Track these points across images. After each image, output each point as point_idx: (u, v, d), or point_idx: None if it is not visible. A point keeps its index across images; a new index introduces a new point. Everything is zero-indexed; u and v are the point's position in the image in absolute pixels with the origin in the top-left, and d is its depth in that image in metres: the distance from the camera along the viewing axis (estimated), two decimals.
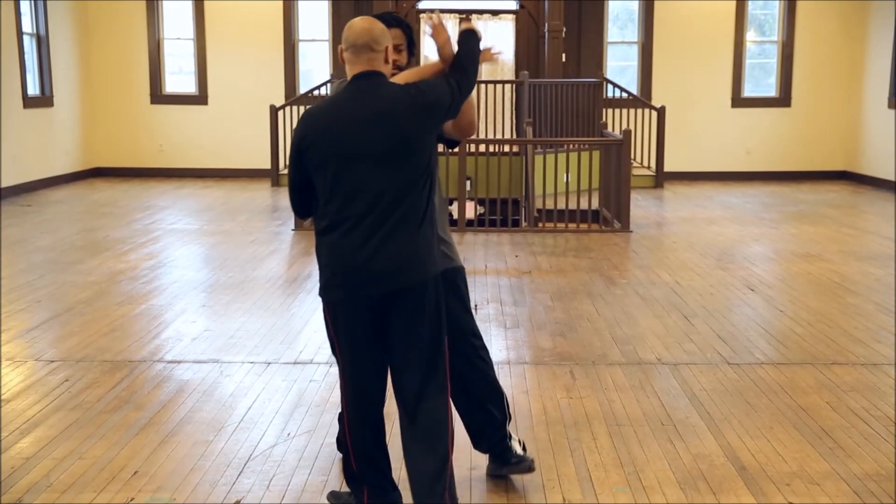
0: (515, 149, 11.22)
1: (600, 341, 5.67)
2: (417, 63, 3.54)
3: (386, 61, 3.15)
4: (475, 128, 3.54)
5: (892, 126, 13.27)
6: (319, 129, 3.08)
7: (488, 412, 3.64)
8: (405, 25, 3.58)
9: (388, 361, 3.18)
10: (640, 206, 11.15)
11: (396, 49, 3.44)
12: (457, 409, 3.59)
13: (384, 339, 3.14)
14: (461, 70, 3.22)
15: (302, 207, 3.22)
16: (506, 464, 3.66)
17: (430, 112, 3.12)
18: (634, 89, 14.38)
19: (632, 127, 12.20)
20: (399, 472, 3.37)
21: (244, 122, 14.58)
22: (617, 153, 9.84)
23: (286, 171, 3.35)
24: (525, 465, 3.64)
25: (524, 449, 3.71)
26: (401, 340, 3.12)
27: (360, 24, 3.14)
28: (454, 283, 3.54)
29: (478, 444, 3.71)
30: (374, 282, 3.04)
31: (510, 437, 3.69)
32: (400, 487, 3.32)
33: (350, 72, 3.14)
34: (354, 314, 3.10)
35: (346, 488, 3.36)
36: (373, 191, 3.02)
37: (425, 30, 3.53)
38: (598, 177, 10.66)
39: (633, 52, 14.81)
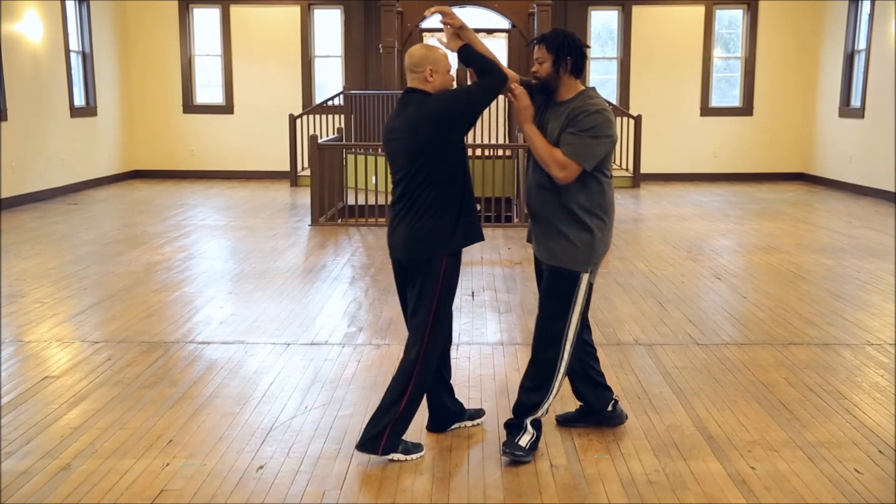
0: (508, 153, 11.21)
1: None
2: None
3: (426, 80, 3.47)
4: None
5: (842, 133, 13.26)
6: (384, 130, 3.65)
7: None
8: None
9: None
10: (619, 203, 11.14)
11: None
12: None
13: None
14: (477, 82, 3.49)
15: None
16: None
17: (434, 120, 3.41)
18: (614, 100, 14.37)
19: None
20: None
21: (266, 130, 14.57)
22: None
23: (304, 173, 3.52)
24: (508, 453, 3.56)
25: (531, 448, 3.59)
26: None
27: (411, 50, 3.53)
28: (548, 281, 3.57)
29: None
30: (392, 249, 3.61)
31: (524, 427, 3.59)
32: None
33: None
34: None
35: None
36: (399, 183, 3.53)
37: (439, 20, 3.57)
38: None
39: (613, 67, 14.78)
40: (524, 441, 3.56)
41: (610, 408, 3.88)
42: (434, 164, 3.44)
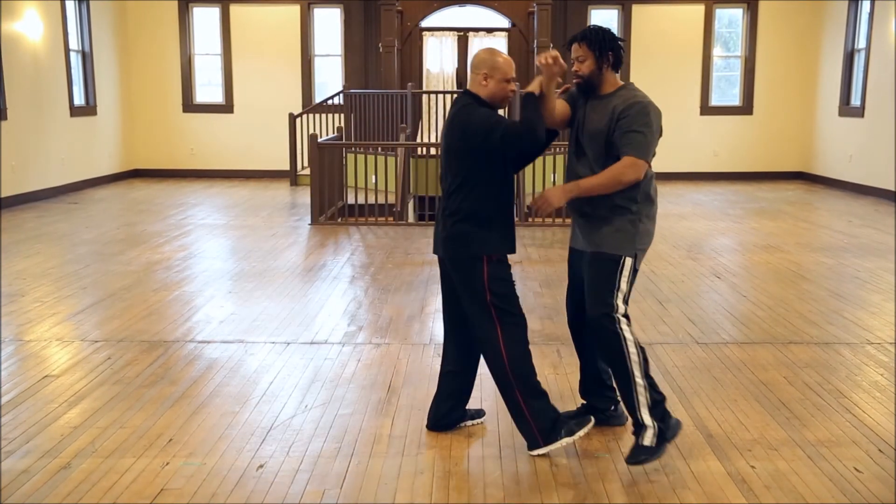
0: None
1: None
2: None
3: (480, 83, 3.51)
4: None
5: (842, 132, 13.26)
6: None
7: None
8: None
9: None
10: None
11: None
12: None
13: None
14: (516, 126, 3.46)
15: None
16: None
17: (459, 129, 3.50)
18: None
19: None
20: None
21: (266, 129, 14.57)
22: None
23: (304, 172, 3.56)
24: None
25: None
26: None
27: (477, 52, 3.66)
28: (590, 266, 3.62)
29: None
30: (433, 245, 3.70)
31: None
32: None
33: None
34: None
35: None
36: (440, 180, 3.67)
37: (539, 62, 3.42)
38: None
39: None
40: (647, 440, 3.43)
41: (612, 408, 3.88)
42: (460, 169, 3.50)
